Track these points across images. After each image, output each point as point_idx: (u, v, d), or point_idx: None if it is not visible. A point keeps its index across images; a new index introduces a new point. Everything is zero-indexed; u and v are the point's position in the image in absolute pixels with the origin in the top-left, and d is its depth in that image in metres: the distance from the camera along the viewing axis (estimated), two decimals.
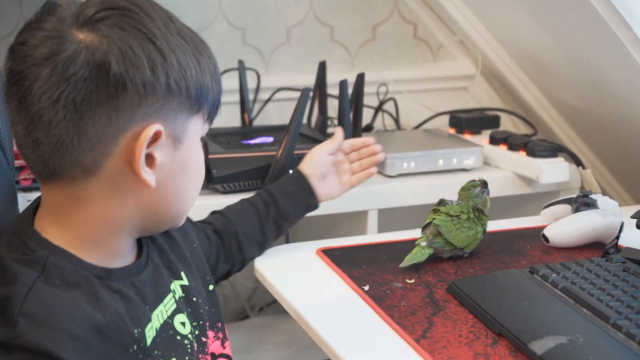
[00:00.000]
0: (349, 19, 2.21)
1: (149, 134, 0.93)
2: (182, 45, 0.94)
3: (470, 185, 1.42)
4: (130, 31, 0.91)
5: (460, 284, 1.27)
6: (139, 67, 0.91)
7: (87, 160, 0.93)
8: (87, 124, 0.91)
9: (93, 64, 0.90)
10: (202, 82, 0.96)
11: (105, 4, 0.93)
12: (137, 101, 0.92)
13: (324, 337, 1.15)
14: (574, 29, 1.75)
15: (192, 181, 1.01)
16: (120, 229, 0.98)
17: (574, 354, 1.04)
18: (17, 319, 0.87)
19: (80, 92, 0.90)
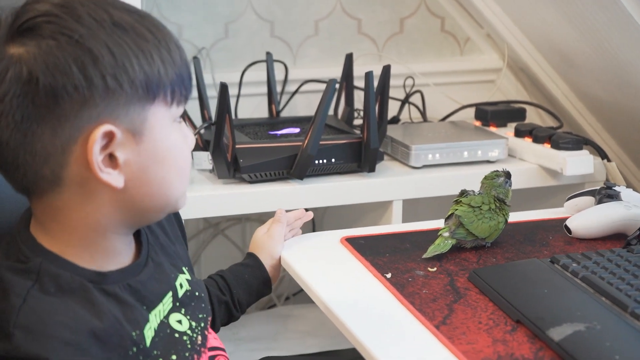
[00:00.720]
0: (376, 12, 2.23)
1: (97, 138, 0.90)
2: (119, 37, 0.90)
3: (493, 175, 1.43)
4: (53, 37, 0.88)
5: (481, 273, 1.29)
6: (68, 73, 0.88)
7: (47, 174, 0.92)
8: (33, 140, 0.90)
9: (21, 79, 0.88)
10: (148, 70, 0.91)
11: (31, 13, 0.90)
12: (77, 107, 0.89)
13: (346, 322, 1.18)
14: (601, 22, 1.76)
15: (170, 168, 0.96)
16: (106, 229, 0.97)
17: (591, 340, 1.06)
18: (13, 332, 0.87)
19: (17, 110, 0.88)
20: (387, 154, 1.91)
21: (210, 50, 2.10)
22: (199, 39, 2.10)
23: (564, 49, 1.99)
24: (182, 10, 2.08)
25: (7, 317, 0.89)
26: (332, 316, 1.22)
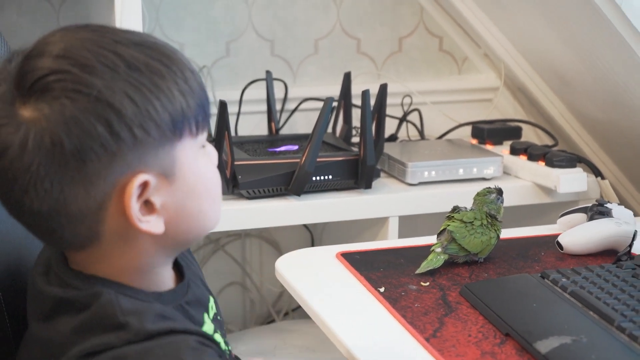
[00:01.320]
0: (375, 31, 2.26)
1: (132, 191, 0.86)
2: (136, 80, 0.85)
3: (485, 191, 1.46)
4: (70, 97, 0.83)
5: (473, 287, 1.31)
6: (93, 134, 0.83)
7: (84, 232, 0.88)
8: (66, 204, 0.86)
9: (44, 147, 0.83)
10: (171, 108, 0.86)
11: (40, 71, 0.84)
12: (107, 163, 0.85)
13: (338, 334, 1.20)
14: (594, 43, 1.79)
15: (205, 198, 0.94)
16: (151, 267, 0.95)
17: (577, 353, 1.08)
18: (125, 320, 0.86)
19: (45, 178, 0.84)
20: (384, 171, 1.94)
21: (211, 69, 2.14)
22: (201, 57, 2.14)
23: (559, 68, 2.02)
24: (185, 29, 2.12)
25: (110, 311, 0.87)
26: (325, 327, 1.24)
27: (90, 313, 0.88)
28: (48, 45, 0.86)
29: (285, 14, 2.18)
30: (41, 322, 0.93)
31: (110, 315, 0.87)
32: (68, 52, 0.85)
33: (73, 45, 0.85)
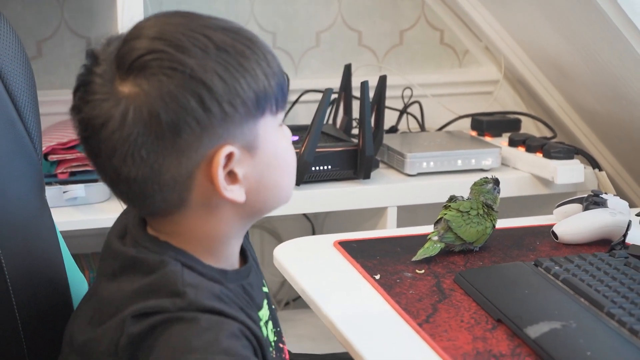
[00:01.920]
0: (376, 24, 2.28)
1: (220, 161, 0.94)
2: (224, 60, 0.92)
3: (482, 181, 1.48)
4: (166, 74, 0.91)
5: (467, 275, 1.33)
6: (187, 108, 0.91)
7: (174, 199, 0.95)
8: (160, 172, 0.93)
9: (143, 120, 0.91)
10: (256, 87, 0.94)
11: (138, 51, 0.92)
12: (198, 136, 0.92)
13: (332, 319, 1.23)
14: (591, 35, 1.80)
15: (282, 171, 1.01)
16: (228, 237, 1.01)
17: (566, 337, 1.10)
18: (184, 289, 0.92)
19: (142, 147, 0.92)
20: (384, 162, 1.96)
21: None
22: None
23: (558, 61, 2.04)
24: None
25: (173, 279, 0.93)
26: (320, 313, 1.27)
27: (154, 277, 0.94)
28: (144, 29, 0.94)
29: (286, 7, 2.20)
30: (107, 281, 0.98)
31: (172, 282, 0.93)
32: (163, 34, 0.92)
33: (167, 28, 0.93)
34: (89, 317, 1.00)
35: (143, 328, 0.90)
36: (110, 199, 1.83)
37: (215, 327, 0.91)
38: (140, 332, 0.91)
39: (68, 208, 1.76)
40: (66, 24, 2.07)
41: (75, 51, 2.08)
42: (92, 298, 1.03)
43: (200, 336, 0.89)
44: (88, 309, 1.01)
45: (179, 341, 0.89)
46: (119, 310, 0.93)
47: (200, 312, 0.91)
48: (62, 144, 1.82)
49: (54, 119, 2.00)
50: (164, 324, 0.90)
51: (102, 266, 1.02)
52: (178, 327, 0.90)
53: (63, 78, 2.08)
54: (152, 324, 0.90)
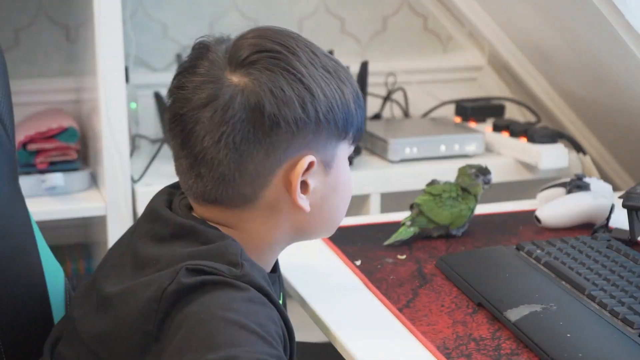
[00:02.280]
0: (359, 11, 2.26)
1: (304, 165, 0.99)
2: (327, 77, 1.00)
3: (467, 166, 1.47)
4: (280, 72, 0.97)
5: (448, 259, 1.32)
6: (290, 106, 0.97)
7: (247, 192, 1.00)
8: (246, 160, 0.98)
9: (249, 106, 0.96)
10: (347, 110, 1.01)
11: (255, 47, 0.98)
12: (290, 136, 0.98)
13: (311, 305, 1.21)
14: (574, 18, 1.79)
15: (342, 200, 1.07)
16: (277, 243, 1.06)
17: (546, 320, 1.09)
18: (242, 262, 0.95)
19: (239, 132, 0.97)
20: (367, 149, 1.94)
21: None
22: (184, 37, 2.14)
23: (542, 46, 2.03)
24: (166, 8, 2.12)
25: (233, 251, 0.96)
26: (300, 300, 1.25)
27: (213, 246, 0.97)
28: (265, 32, 1.01)
29: None
30: (152, 242, 1.00)
31: (232, 253, 0.96)
32: (278, 39, 1.00)
33: (286, 38, 1.00)
34: (117, 273, 1.01)
35: (195, 282, 0.92)
36: (90, 188, 1.81)
37: (260, 303, 0.93)
38: (191, 284, 0.92)
39: (47, 198, 1.75)
40: (44, 12, 2.04)
41: (53, 39, 2.06)
42: (124, 255, 1.04)
43: (244, 303, 0.91)
44: (115, 266, 1.03)
45: (223, 301, 0.91)
46: (171, 264, 0.95)
47: (251, 286, 0.93)
48: (40, 134, 1.80)
49: (32, 108, 1.99)
50: (215, 284, 0.92)
51: (145, 227, 1.03)
52: (227, 290, 0.92)
53: (41, 67, 2.06)
54: (204, 281, 0.92)
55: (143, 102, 2.06)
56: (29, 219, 1.18)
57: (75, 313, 1.03)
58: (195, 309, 0.90)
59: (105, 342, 0.96)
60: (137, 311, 0.93)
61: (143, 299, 0.93)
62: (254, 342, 0.88)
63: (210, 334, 0.88)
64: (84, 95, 1.96)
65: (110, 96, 1.70)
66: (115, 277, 1.01)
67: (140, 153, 1.99)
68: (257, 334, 0.88)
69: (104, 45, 1.68)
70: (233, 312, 0.90)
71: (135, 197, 1.75)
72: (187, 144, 0.99)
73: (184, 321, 0.90)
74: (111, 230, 1.72)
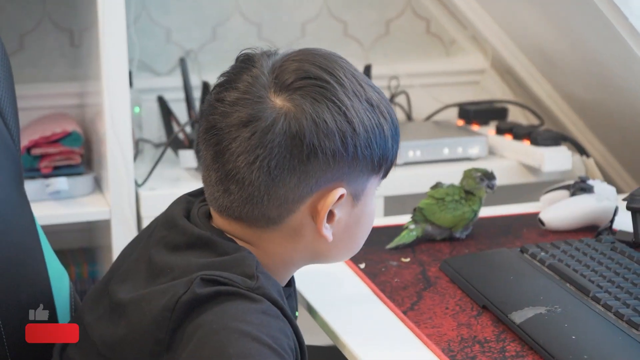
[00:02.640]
0: (362, 14, 2.26)
1: (335, 198, 0.99)
2: (369, 112, 0.99)
3: (473, 169, 1.46)
4: (324, 102, 0.96)
5: (452, 262, 1.32)
6: (331, 138, 0.96)
7: (273, 215, 0.99)
8: (277, 185, 0.97)
9: (289, 132, 0.95)
10: (384, 147, 1.01)
11: (302, 72, 0.97)
12: (325, 167, 0.97)
13: (316, 308, 1.21)
14: (577, 21, 1.79)
15: (364, 231, 1.07)
16: (293, 265, 1.06)
17: (551, 322, 1.09)
18: (257, 274, 0.95)
19: (275, 157, 0.96)
20: None
21: (198, 53, 2.15)
22: (187, 42, 2.14)
23: (545, 49, 2.03)
24: (171, 12, 2.12)
25: (250, 263, 0.96)
26: (304, 302, 1.25)
27: (228, 258, 0.97)
28: (313, 57, 1.00)
29: None
30: (167, 251, 1.00)
31: (248, 265, 0.96)
32: (330, 68, 0.98)
33: (334, 65, 0.99)
34: (131, 279, 1.01)
35: (209, 292, 0.92)
36: (94, 193, 1.82)
37: (273, 315, 0.93)
38: (205, 295, 0.92)
39: (51, 202, 1.75)
40: (49, 17, 2.05)
41: (58, 44, 2.07)
42: (139, 262, 1.03)
43: (258, 315, 0.91)
44: (129, 272, 1.03)
45: (236, 312, 0.91)
46: (185, 274, 0.95)
47: (265, 298, 0.93)
48: (45, 138, 1.80)
49: (37, 112, 1.99)
50: (229, 295, 0.92)
51: (162, 235, 1.03)
52: (240, 301, 0.92)
53: (46, 71, 2.06)
54: (218, 291, 0.92)
55: (146, 106, 2.06)
56: (34, 223, 1.19)
57: (87, 317, 1.04)
58: (208, 319, 0.91)
59: (117, 349, 0.96)
60: (150, 319, 0.93)
61: (157, 307, 0.93)
62: (266, 355, 0.88)
63: (222, 345, 0.88)
64: (88, 99, 1.97)
65: (115, 100, 1.70)
66: (130, 283, 1.01)
67: (144, 157, 2.00)
68: (269, 346, 0.89)
69: (108, 50, 1.68)
70: (246, 324, 0.90)
71: (139, 201, 1.75)
72: (219, 159, 0.98)
73: (196, 331, 0.90)
74: (115, 234, 1.72)
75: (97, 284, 1.09)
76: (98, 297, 1.06)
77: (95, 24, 1.71)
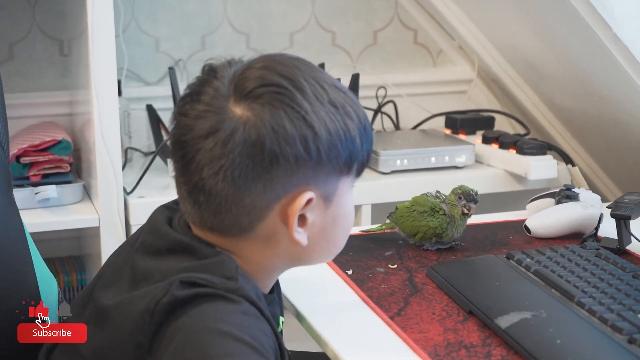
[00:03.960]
0: (350, 24, 2.28)
1: (302, 203, 0.98)
2: (332, 114, 0.98)
3: (460, 187, 1.45)
4: (283, 108, 0.96)
5: (439, 268, 1.33)
6: (291, 144, 0.96)
7: (244, 223, 0.99)
8: (244, 194, 0.97)
9: (249, 141, 0.95)
10: (352, 148, 1.00)
11: (261, 80, 0.97)
12: (289, 173, 0.97)
13: (303, 313, 1.22)
14: (563, 32, 1.81)
15: (341, 231, 1.07)
16: (274, 270, 1.07)
17: (536, 327, 1.10)
18: (237, 276, 0.96)
19: (237, 167, 0.96)
20: None
21: (187, 62, 2.16)
22: (176, 51, 2.15)
23: (531, 59, 2.05)
24: (160, 22, 2.14)
25: (227, 265, 0.97)
26: (291, 308, 1.26)
27: (208, 261, 0.98)
28: (273, 63, 0.99)
29: (260, 7, 2.20)
30: (148, 256, 1.01)
31: (226, 268, 0.97)
32: (289, 74, 0.98)
33: (294, 71, 0.99)
34: (116, 285, 1.02)
35: (187, 294, 0.92)
36: (83, 200, 1.82)
37: (253, 316, 0.94)
38: (183, 297, 0.92)
39: (41, 210, 1.75)
40: (38, 26, 2.06)
41: (47, 54, 2.08)
42: (123, 268, 1.04)
43: (238, 316, 0.92)
44: (113, 279, 1.04)
45: (216, 313, 0.92)
46: (165, 278, 0.95)
47: (244, 299, 0.94)
48: (34, 146, 1.81)
49: (26, 121, 2.00)
50: (208, 297, 0.93)
51: (144, 240, 1.04)
52: (220, 303, 0.93)
53: (35, 80, 2.07)
54: (197, 293, 0.93)
55: (135, 115, 2.07)
56: (23, 229, 1.19)
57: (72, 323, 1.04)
58: (187, 321, 0.91)
59: (101, 355, 0.97)
60: (131, 323, 0.94)
61: (137, 310, 0.94)
62: (247, 354, 0.88)
63: (203, 346, 0.88)
64: (77, 108, 1.98)
65: (104, 108, 1.71)
66: (113, 288, 1.02)
67: (132, 165, 2.01)
68: (250, 345, 0.89)
69: (97, 59, 1.69)
70: (226, 324, 0.90)
71: (128, 208, 1.76)
72: (186, 171, 0.99)
73: (176, 334, 0.91)
74: (104, 241, 1.73)
75: (83, 290, 1.10)
76: (84, 303, 1.06)
77: (85, 33, 1.72)
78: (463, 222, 1.44)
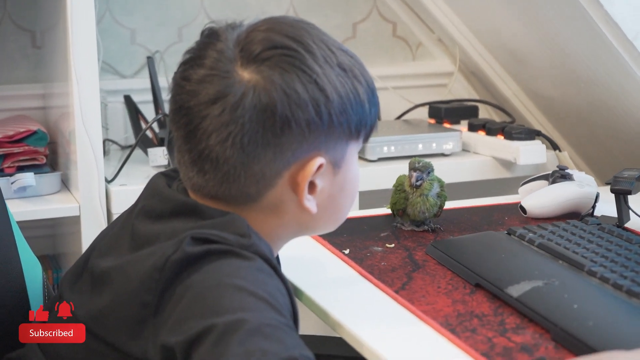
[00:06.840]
0: (328, 17, 2.25)
1: (313, 169, 0.96)
2: (342, 77, 0.96)
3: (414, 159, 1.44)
4: (294, 72, 0.93)
5: (439, 245, 1.29)
6: (303, 108, 0.93)
7: (252, 191, 0.96)
8: (253, 161, 0.94)
9: (260, 106, 0.92)
10: (361, 112, 0.98)
11: (269, 42, 0.94)
12: (300, 139, 0.94)
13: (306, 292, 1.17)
14: (549, 14, 1.79)
15: (348, 198, 1.04)
16: (280, 239, 1.04)
17: (550, 294, 1.07)
18: (250, 233, 0.92)
19: (247, 133, 0.92)
20: None
21: (164, 54, 2.10)
22: (153, 43, 2.10)
23: (513, 47, 2.03)
24: (135, 14, 2.08)
25: (242, 225, 0.93)
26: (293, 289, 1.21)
27: (218, 220, 0.93)
28: (279, 25, 0.96)
29: None
30: (149, 220, 0.96)
31: (239, 225, 0.93)
32: (297, 36, 0.95)
33: (302, 32, 0.96)
34: (115, 251, 0.97)
35: (199, 250, 0.88)
36: (62, 191, 1.76)
37: (268, 274, 0.90)
38: (195, 253, 0.88)
39: (19, 200, 1.69)
40: (10, 18, 1.99)
41: (19, 45, 2.01)
42: (121, 235, 0.99)
43: (252, 272, 0.88)
44: (111, 246, 0.99)
45: (230, 269, 0.88)
46: (174, 236, 0.91)
47: (258, 256, 0.91)
48: (8, 137, 1.75)
49: None
50: (221, 253, 0.89)
51: (144, 204, 0.99)
52: (233, 259, 0.89)
53: (7, 73, 2.01)
54: (209, 250, 0.89)
55: (112, 107, 2.01)
56: (6, 211, 1.15)
57: (67, 294, 0.99)
58: (199, 278, 0.87)
59: (101, 319, 0.92)
60: (137, 281, 0.89)
61: (144, 269, 0.89)
62: (263, 309, 0.84)
63: (216, 300, 0.84)
64: (52, 101, 1.91)
65: (85, 100, 1.65)
66: (112, 256, 0.97)
67: (110, 158, 1.95)
68: (266, 301, 0.85)
69: (77, 50, 1.64)
70: (241, 279, 0.86)
71: (110, 197, 1.70)
72: (191, 139, 0.95)
73: (187, 291, 0.86)
74: (85, 230, 1.66)
75: (75, 263, 1.05)
76: (77, 274, 1.01)
77: (63, 24, 1.67)
78: (426, 200, 1.38)
